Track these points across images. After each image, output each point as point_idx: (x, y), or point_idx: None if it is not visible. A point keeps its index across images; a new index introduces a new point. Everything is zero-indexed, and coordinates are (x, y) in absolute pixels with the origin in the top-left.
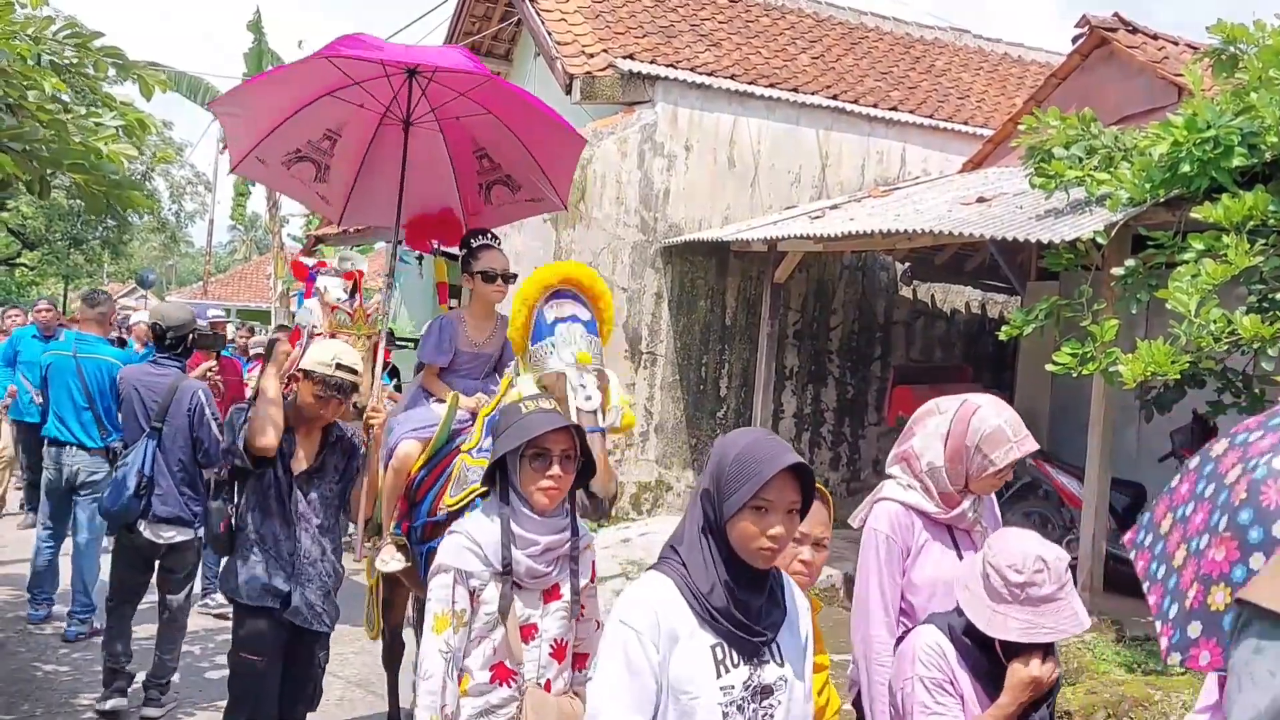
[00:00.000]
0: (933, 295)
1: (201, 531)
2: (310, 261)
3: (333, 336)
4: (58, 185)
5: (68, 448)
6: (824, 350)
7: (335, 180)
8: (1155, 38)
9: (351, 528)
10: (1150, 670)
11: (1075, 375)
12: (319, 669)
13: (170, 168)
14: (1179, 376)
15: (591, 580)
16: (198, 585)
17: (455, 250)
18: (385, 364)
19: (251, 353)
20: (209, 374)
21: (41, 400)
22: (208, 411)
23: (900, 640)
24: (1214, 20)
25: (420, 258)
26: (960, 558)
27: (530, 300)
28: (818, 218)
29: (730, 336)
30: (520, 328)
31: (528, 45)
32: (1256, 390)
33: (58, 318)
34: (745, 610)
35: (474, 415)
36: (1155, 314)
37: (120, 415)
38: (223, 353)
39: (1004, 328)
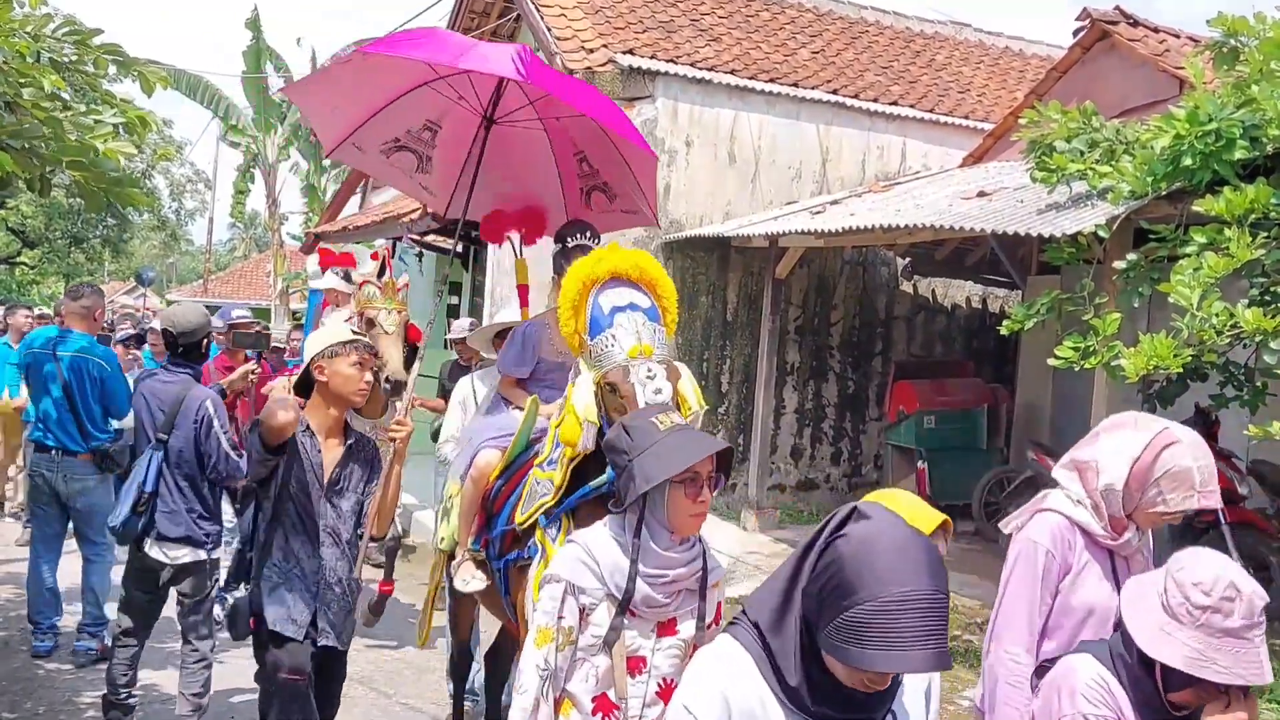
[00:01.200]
0: (933, 290)
1: (215, 553)
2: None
3: (361, 314)
4: (58, 183)
5: (52, 453)
6: (825, 346)
7: (438, 172)
8: (1156, 31)
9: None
10: None
11: (1077, 369)
12: (339, 686)
13: (170, 165)
14: (1181, 370)
15: (716, 623)
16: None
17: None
18: (416, 346)
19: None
20: (249, 377)
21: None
22: (215, 424)
23: (1042, 670)
24: (1215, 13)
25: (420, 255)
26: (1118, 587)
27: (581, 293)
28: (818, 213)
29: (732, 332)
30: (574, 323)
31: (527, 41)
32: (1259, 384)
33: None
34: (848, 703)
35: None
36: (1157, 307)
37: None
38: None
39: (1005, 322)
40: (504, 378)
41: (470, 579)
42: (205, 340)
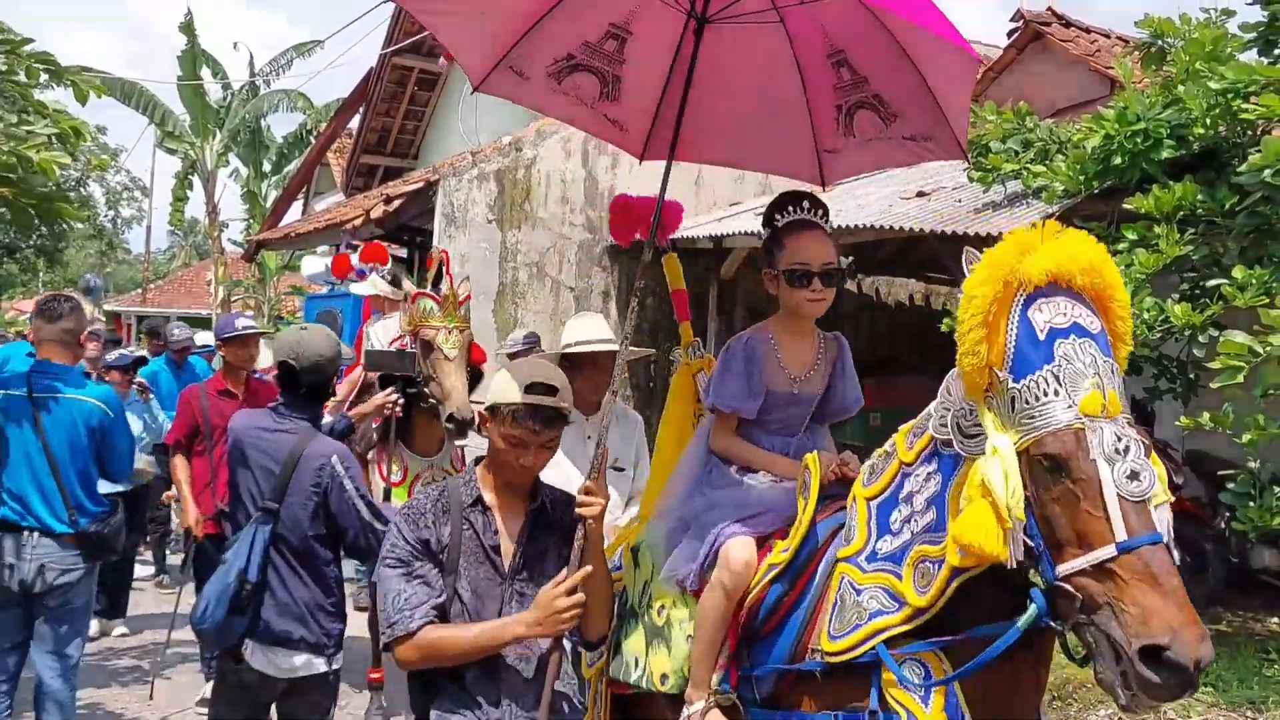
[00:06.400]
0: (877, 289)
1: (338, 661)
2: (356, 262)
3: (415, 334)
4: None
5: (24, 535)
6: None
7: (631, 98)
8: (1088, 31)
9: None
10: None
11: None
12: None
13: (105, 173)
14: None
15: None
16: None
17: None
18: (480, 370)
19: None
20: (389, 410)
21: None
22: (349, 486)
23: None
24: (1148, 12)
25: None
26: None
27: (999, 301)
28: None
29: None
30: (984, 348)
31: None
32: (1190, 376)
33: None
34: None
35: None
36: None
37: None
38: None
39: (946, 319)
40: (720, 421)
41: None
42: (333, 375)
